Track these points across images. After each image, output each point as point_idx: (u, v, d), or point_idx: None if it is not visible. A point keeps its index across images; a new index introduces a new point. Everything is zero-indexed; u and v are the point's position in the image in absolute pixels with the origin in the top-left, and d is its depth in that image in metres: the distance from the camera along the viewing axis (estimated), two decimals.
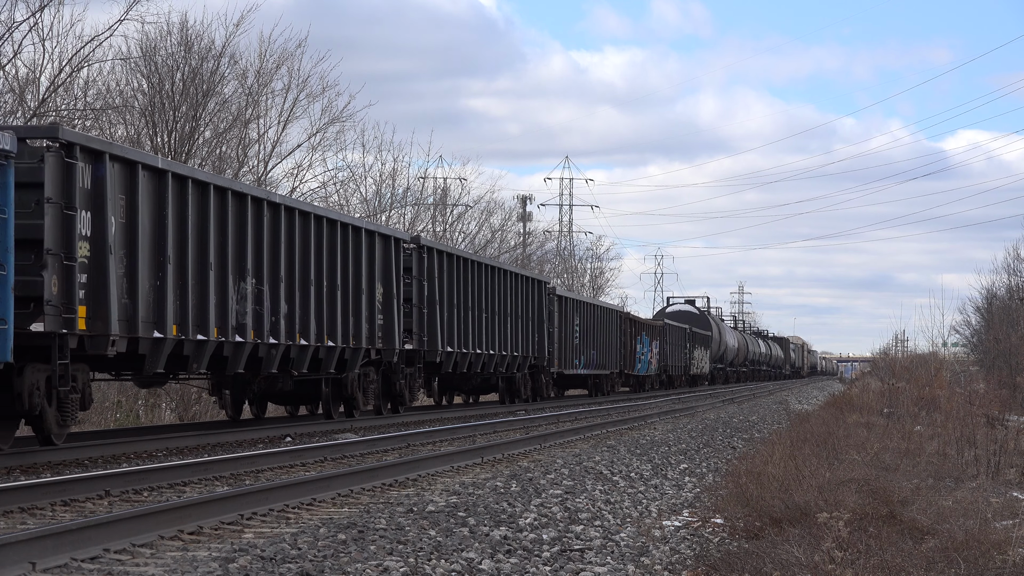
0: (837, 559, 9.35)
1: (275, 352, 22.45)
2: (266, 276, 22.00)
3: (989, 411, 23.74)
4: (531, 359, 39.79)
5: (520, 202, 77.61)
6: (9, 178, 14.86)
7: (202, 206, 20.05)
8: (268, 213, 22.11)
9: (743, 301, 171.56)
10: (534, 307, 40.11)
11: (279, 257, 22.46)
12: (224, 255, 20.66)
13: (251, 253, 21.51)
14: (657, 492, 15.01)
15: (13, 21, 30.51)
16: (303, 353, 23.56)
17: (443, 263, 31.40)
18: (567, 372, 45.24)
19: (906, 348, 55.33)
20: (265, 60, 40.13)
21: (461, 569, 9.25)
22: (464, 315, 32.80)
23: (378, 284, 27.01)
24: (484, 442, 20.96)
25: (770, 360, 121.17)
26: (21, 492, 12.00)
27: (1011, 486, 16.48)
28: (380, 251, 27.18)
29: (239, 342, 21.06)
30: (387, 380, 28.60)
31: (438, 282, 30.80)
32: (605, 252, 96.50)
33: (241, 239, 21.24)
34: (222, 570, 8.62)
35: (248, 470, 15.69)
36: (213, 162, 37.29)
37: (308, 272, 23.60)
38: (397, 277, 27.90)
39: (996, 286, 64.28)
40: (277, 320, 22.33)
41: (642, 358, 58.85)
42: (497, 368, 36.48)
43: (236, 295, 21.06)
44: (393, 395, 29.04)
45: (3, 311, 14.90)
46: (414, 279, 29.59)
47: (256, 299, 21.70)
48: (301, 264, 23.34)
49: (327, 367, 24.94)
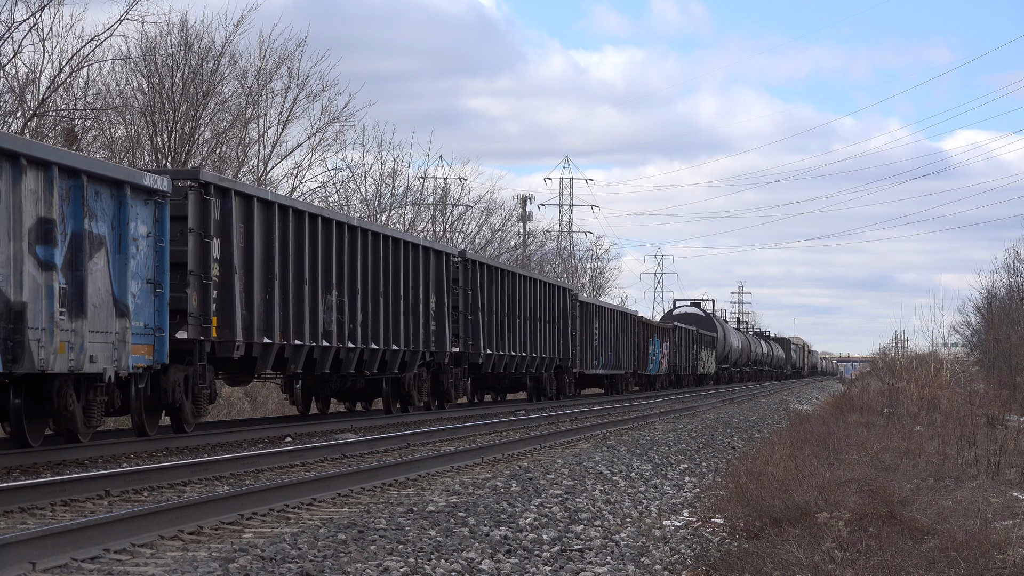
0: (837, 559, 9.35)
1: (352, 355, 26.13)
2: (346, 289, 25.67)
3: (989, 411, 23.75)
4: (556, 360, 43.35)
5: (520, 202, 77.66)
6: (165, 214, 18.72)
7: (299, 231, 23.63)
8: (348, 235, 25.81)
9: (743, 301, 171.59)
10: (559, 312, 43.87)
11: (356, 272, 26.14)
12: (315, 272, 24.31)
13: (335, 269, 25.10)
14: (657, 492, 15.00)
15: (13, 21, 30.57)
16: (374, 355, 27.17)
17: (484, 274, 35.01)
18: (587, 372, 48.57)
19: (906, 348, 55.31)
20: (265, 60, 40.18)
21: (461, 569, 9.24)
22: (501, 320, 36.31)
23: (432, 294, 30.73)
24: (484, 442, 20.96)
25: (772, 360, 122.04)
26: (21, 492, 12.00)
27: (1011, 486, 16.48)
28: (433, 265, 30.95)
29: (325, 346, 24.73)
30: (436, 379, 32.04)
31: (480, 291, 34.40)
32: (605, 252, 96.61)
33: (327, 258, 24.85)
34: (222, 570, 8.62)
35: (248, 470, 15.68)
36: (213, 162, 37.30)
37: (378, 285, 27.26)
38: (447, 287, 31.71)
39: (996, 286, 64.33)
40: (354, 327, 26.03)
41: (653, 359, 61.99)
42: (528, 368, 39.98)
43: (323, 306, 24.68)
44: (440, 392, 32.34)
45: (161, 322, 18.70)
46: (460, 289, 33.36)
47: (339, 309, 25.29)
48: (372, 278, 27.02)
49: (391, 367, 28.50)
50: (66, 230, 16.46)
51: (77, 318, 16.58)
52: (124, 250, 17.72)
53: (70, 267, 16.53)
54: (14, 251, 15.42)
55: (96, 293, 17.05)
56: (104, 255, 17.32)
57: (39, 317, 15.78)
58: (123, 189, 17.66)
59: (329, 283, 24.82)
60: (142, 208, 18.21)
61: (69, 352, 16.40)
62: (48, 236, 15.99)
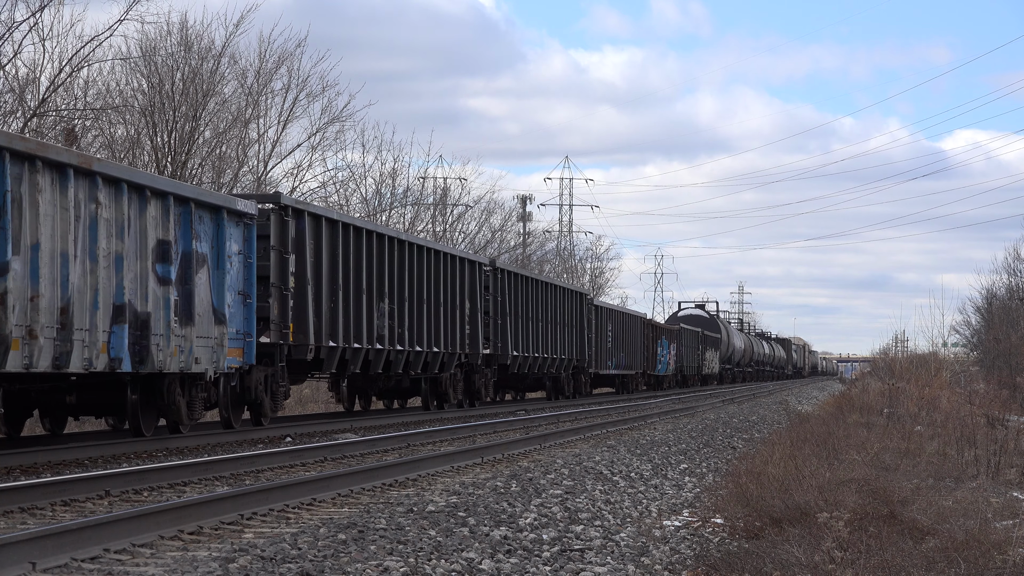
0: (837, 559, 9.35)
1: (401, 356, 28.86)
2: (395, 297, 28.50)
3: (989, 411, 23.75)
4: (574, 361, 46.16)
5: (520, 202, 77.61)
6: (252, 233, 21.58)
7: (357, 245, 26.40)
8: (396, 248, 28.68)
9: (743, 301, 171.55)
10: (577, 316, 46.55)
11: (404, 282, 28.97)
12: (371, 282, 27.07)
13: (387, 280, 27.90)
14: (657, 492, 15.00)
15: (13, 21, 30.56)
16: (418, 357, 29.95)
17: (511, 281, 37.74)
18: (602, 372, 51.30)
19: (906, 348, 55.33)
20: (265, 60, 40.18)
21: (461, 569, 9.24)
22: (525, 324, 39.16)
23: (467, 301, 33.52)
24: (484, 442, 20.96)
25: (773, 360, 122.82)
26: (21, 492, 11.99)
27: (1011, 486, 16.48)
28: (468, 274, 33.83)
29: (379, 349, 27.57)
30: (468, 379, 34.63)
31: (507, 297, 37.19)
32: (605, 252, 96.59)
33: (380, 269, 27.65)
34: (222, 570, 8.62)
35: (248, 470, 15.68)
36: (213, 162, 37.30)
37: (421, 292, 30.14)
38: (479, 294, 34.63)
39: (996, 286, 64.36)
40: (403, 331, 28.93)
41: (662, 360, 64.33)
42: (548, 369, 42.66)
43: (377, 313, 27.47)
44: (471, 391, 34.86)
45: (250, 328, 21.46)
46: (491, 296, 36.21)
47: (390, 315, 28.13)
48: (417, 286, 29.84)
49: (432, 368, 31.18)
50: (178, 250, 19.20)
51: (186, 325, 19.33)
52: (221, 266, 20.48)
53: (181, 282, 19.28)
54: (140, 269, 18.18)
55: (200, 303, 19.80)
56: (206, 271, 20.10)
57: (158, 324, 18.54)
58: (220, 213, 20.40)
59: (382, 292, 27.70)
60: (234, 229, 20.96)
61: (180, 355, 19.17)
62: (165, 255, 18.77)
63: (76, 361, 16.59)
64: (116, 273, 17.50)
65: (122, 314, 17.53)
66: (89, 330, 16.85)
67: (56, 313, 16.20)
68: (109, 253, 17.36)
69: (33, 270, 15.75)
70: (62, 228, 16.29)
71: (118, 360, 17.46)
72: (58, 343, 16.23)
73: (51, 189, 16.13)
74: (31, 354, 15.72)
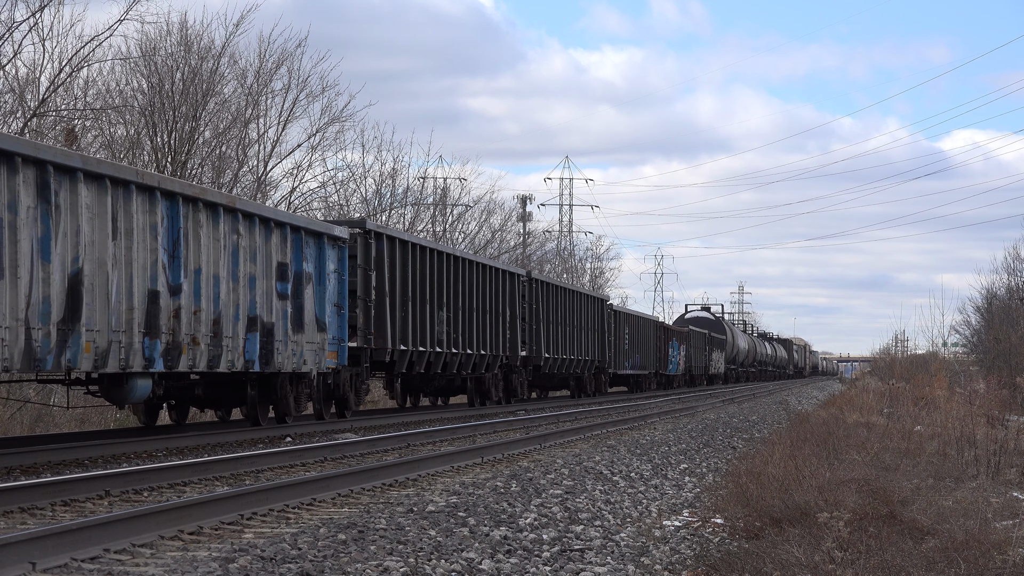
0: (837, 559, 9.35)
1: (455, 358, 32.70)
2: (451, 306, 32.44)
3: (989, 411, 23.75)
4: (596, 362, 49.79)
5: (520, 202, 77.58)
6: (345, 254, 25.37)
7: (422, 262, 30.49)
8: (451, 263, 32.66)
9: (743, 301, 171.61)
10: (598, 320, 50.20)
11: (458, 293, 32.95)
12: (432, 293, 31.09)
13: (444, 291, 31.86)
14: (657, 492, 15.00)
15: (13, 21, 30.53)
16: (468, 359, 33.79)
17: (542, 290, 41.73)
18: (619, 372, 54.80)
19: (906, 348, 55.36)
20: (265, 60, 40.11)
21: (461, 569, 9.24)
22: (555, 329, 43.20)
23: (507, 308, 37.39)
24: (484, 442, 20.95)
25: (775, 361, 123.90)
26: (21, 492, 11.99)
27: (1011, 486, 16.48)
28: (508, 284, 37.69)
29: (438, 351, 31.49)
30: (506, 378, 38.42)
31: (540, 304, 41.17)
32: (605, 252, 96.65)
33: (439, 282, 31.65)
34: (222, 570, 8.62)
35: (248, 470, 15.67)
36: (213, 162, 37.28)
37: (471, 302, 34.05)
38: (517, 302, 38.40)
39: (996, 286, 64.28)
40: (457, 336, 32.82)
41: (672, 360, 67.80)
42: (573, 370, 46.32)
43: (437, 320, 31.38)
44: (509, 389, 38.53)
45: (343, 334, 25.05)
46: (526, 303, 39.96)
47: (447, 322, 32.03)
48: (467, 296, 33.71)
49: (479, 368, 35.08)
50: (292, 270, 22.90)
51: (298, 332, 23.05)
52: (322, 282, 24.07)
53: (294, 296, 22.94)
54: (266, 287, 21.87)
55: (308, 314, 23.44)
56: (311, 287, 23.70)
57: (279, 332, 22.29)
58: (322, 238, 24.09)
59: (441, 302, 31.73)
60: (331, 251, 24.51)
61: (293, 357, 22.87)
62: (283, 274, 22.51)
63: (224, 363, 20.34)
64: (250, 291, 21.26)
65: (254, 324, 21.34)
66: (232, 337, 20.62)
67: (211, 324, 19.93)
68: (246, 274, 21.11)
69: (196, 290, 19.51)
70: (214, 255, 20.07)
71: (251, 362, 21.25)
72: (212, 348, 19.97)
73: (207, 224, 19.86)
74: (194, 357, 19.45)
